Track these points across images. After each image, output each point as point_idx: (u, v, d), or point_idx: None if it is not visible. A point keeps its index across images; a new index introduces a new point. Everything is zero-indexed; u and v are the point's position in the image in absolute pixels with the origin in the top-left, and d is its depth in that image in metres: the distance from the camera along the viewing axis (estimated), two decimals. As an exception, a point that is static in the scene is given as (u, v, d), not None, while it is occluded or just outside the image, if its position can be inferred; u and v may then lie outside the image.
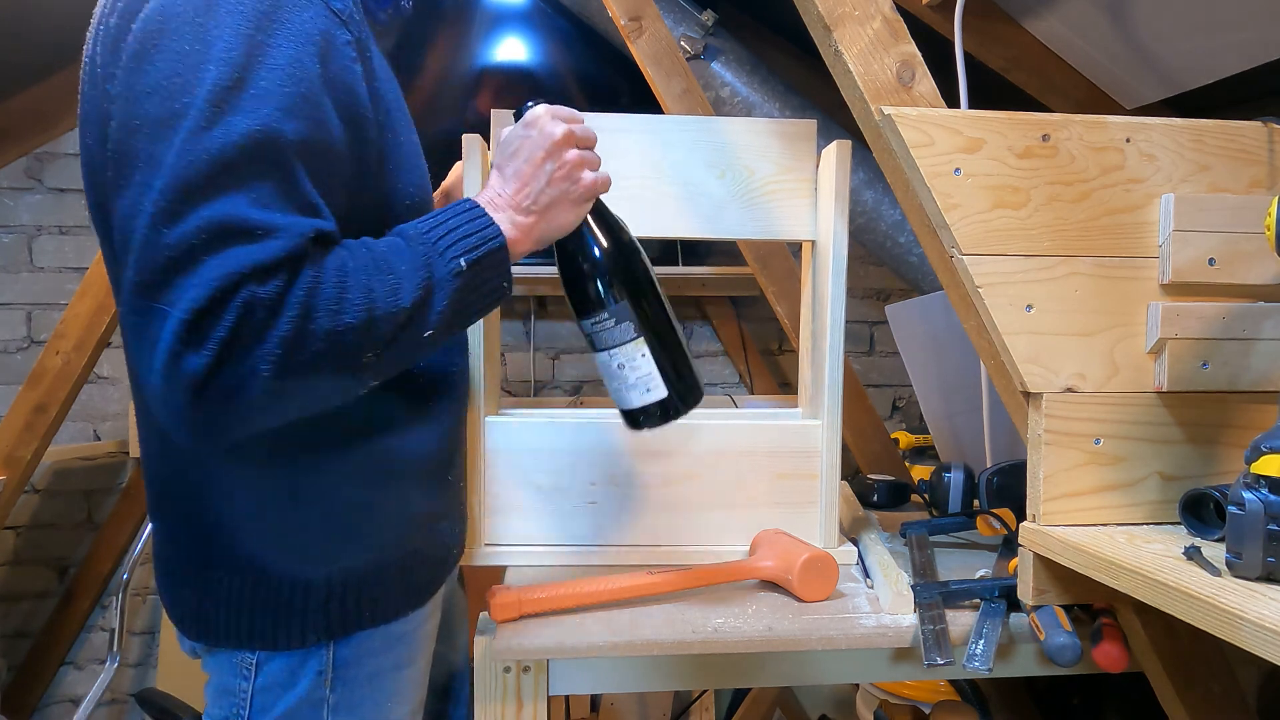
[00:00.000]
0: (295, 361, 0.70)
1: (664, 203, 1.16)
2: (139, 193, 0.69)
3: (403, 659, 0.91)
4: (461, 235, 0.80)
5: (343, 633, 0.86)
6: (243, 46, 0.71)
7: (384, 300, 0.75)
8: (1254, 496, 0.66)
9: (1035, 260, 0.82)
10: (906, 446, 2.09)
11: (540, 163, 0.84)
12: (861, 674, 1.17)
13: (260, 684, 0.85)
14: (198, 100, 0.69)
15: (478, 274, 0.80)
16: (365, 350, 0.75)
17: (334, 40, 0.77)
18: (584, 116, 0.88)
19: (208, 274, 0.67)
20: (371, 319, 0.74)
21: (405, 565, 0.90)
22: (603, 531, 1.14)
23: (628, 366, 0.87)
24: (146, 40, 0.71)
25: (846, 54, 0.83)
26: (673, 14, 2.03)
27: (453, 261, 0.78)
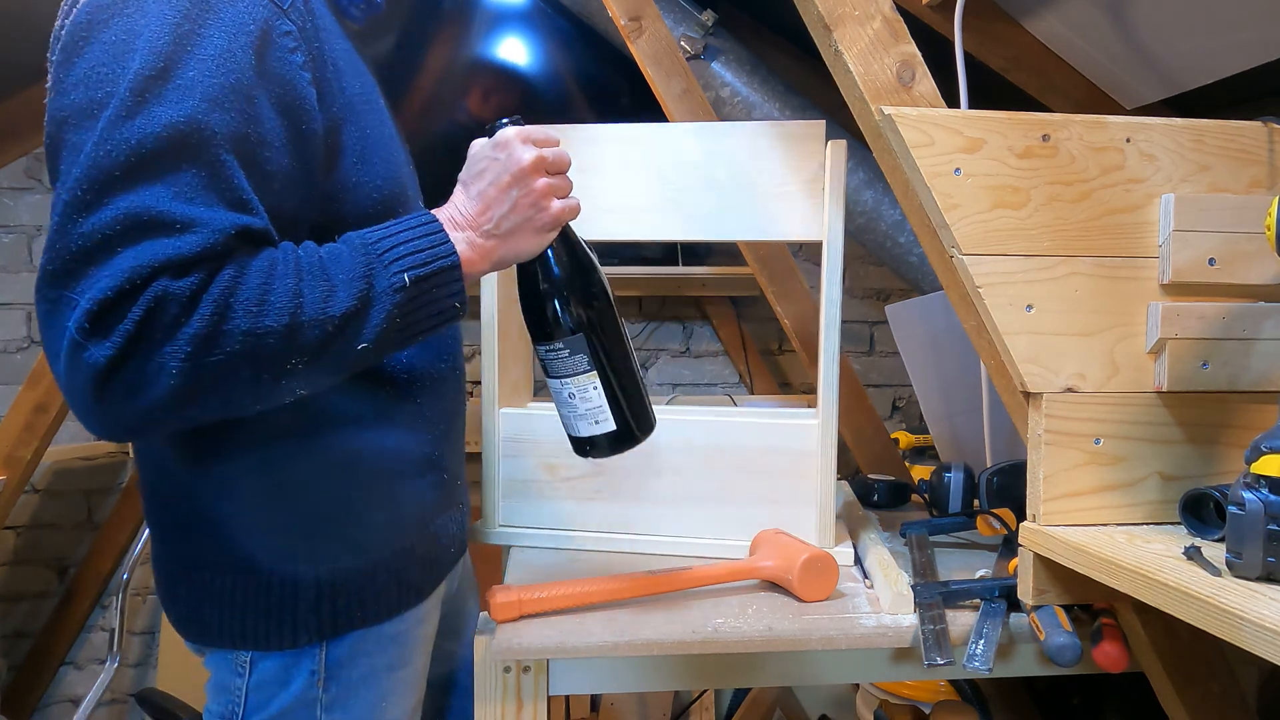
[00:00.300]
0: (207, 361, 0.68)
1: (674, 208, 1.18)
2: (60, 182, 0.68)
3: (397, 659, 0.91)
4: (412, 250, 0.77)
5: (334, 633, 0.85)
6: (169, 36, 0.69)
7: (312, 307, 0.72)
8: (1254, 496, 0.66)
9: (1035, 260, 0.82)
10: (906, 446, 2.09)
11: (506, 187, 0.81)
12: (861, 674, 1.17)
13: (254, 682, 0.85)
14: (120, 90, 0.68)
15: (424, 291, 0.77)
16: (288, 356, 0.72)
17: (272, 31, 0.74)
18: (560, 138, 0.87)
19: (120, 265, 0.65)
20: (295, 324, 0.71)
21: (397, 565, 0.89)
22: (607, 520, 1.19)
23: (578, 397, 0.86)
24: (76, 34, 0.70)
25: (846, 54, 0.83)
26: (673, 14, 2.03)
27: (396, 276, 0.75)
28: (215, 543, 0.84)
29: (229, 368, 0.69)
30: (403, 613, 0.90)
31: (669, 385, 2.59)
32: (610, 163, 1.20)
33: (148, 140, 0.67)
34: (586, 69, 2.36)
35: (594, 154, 1.20)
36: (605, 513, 1.19)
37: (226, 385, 0.71)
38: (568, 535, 1.20)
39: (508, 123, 0.84)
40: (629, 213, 1.20)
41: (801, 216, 1.14)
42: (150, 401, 0.68)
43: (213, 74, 0.70)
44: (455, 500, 1.01)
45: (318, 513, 0.85)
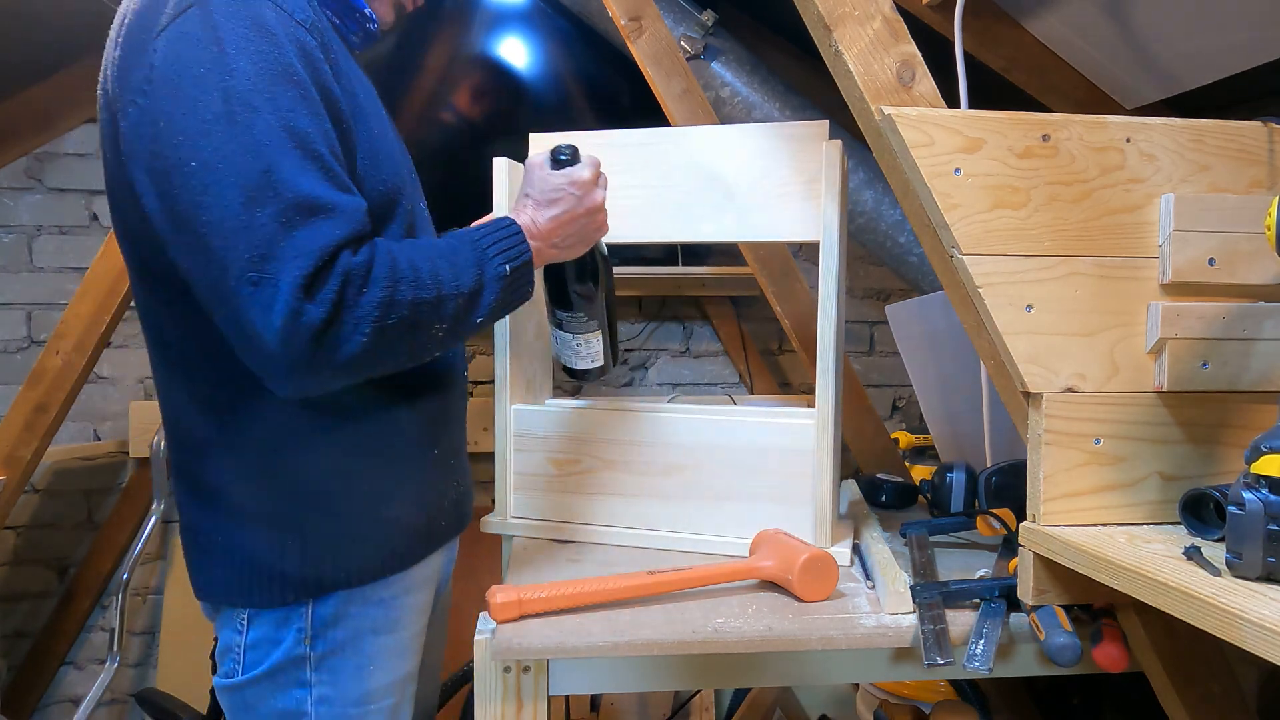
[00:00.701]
0: (386, 324, 0.83)
1: (676, 210, 1.20)
2: (213, 190, 0.79)
3: (383, 624, 0.97)
4: (505, 247, 0.95)
5: (319, 592, 0.93)
6: (247, 58, 0.80)
7: (449, 283, 0.88)
8: (1254, 496, 0.66)
9: (1035, 260, 0.82)
10: (906, 446, 2.09)
11: (578, 218, 1.01)
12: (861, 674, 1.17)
13: (251, 639, 0.94)
14: (233, 103, 0.79)
15: (515, 279, 0.95)
16: (436, 322, 0.88)
17: (304, 45, 0.86)
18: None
19: (307, 244, 0.79)
20: (440, 296, 0.88)
21: (380, 533, 0.97)
22: (611, 515, 1.22)
23: (584, 346, 1.15)
24: (167, 66, 0.80)
25: (846, 54, 0.83)
26: (673, 14, 2.03)
27: (500, 266, 0.93)
28: (221, 506, 0.94)
29: (400, 329, 0.85)
30: (386, 577, 0.97)
31: (669, 385, 2.59)
32: (613, 167, 1.21)
33: (277, 140, 0.80)
34: (586, 69, 2.36)
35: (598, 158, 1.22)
36: (610, 508, 1.21)
37: (397, 344, 0.86)
38: (574, 529, 1.22)
39: (569, 153, 1.01)
40: (632, 215, 1.21)
41: (802, 217, 1.15)
42: (347, 356, 0.82)
43: (287, 84, 0.82)
44: (450, 478, 1.07)
45: (307, 479, 0.93)
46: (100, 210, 2.31)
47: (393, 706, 0.99)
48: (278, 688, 0.94)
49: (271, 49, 0.82)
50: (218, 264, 0.79)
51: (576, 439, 1.22)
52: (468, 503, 1.14)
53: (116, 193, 0.90)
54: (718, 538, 1.16)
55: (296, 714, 0.94)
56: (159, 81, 0.80)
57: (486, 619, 0.93)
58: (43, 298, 2.33)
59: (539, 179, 1.01)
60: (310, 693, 0.94)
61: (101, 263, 1.71)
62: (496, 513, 1.27)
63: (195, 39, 0.80)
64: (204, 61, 0.80)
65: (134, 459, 2.32)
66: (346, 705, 0.95)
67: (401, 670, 1.00)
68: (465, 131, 2.34)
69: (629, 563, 1.11)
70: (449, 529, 1.07)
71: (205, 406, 0.93)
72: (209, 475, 0.94)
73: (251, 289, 0.78)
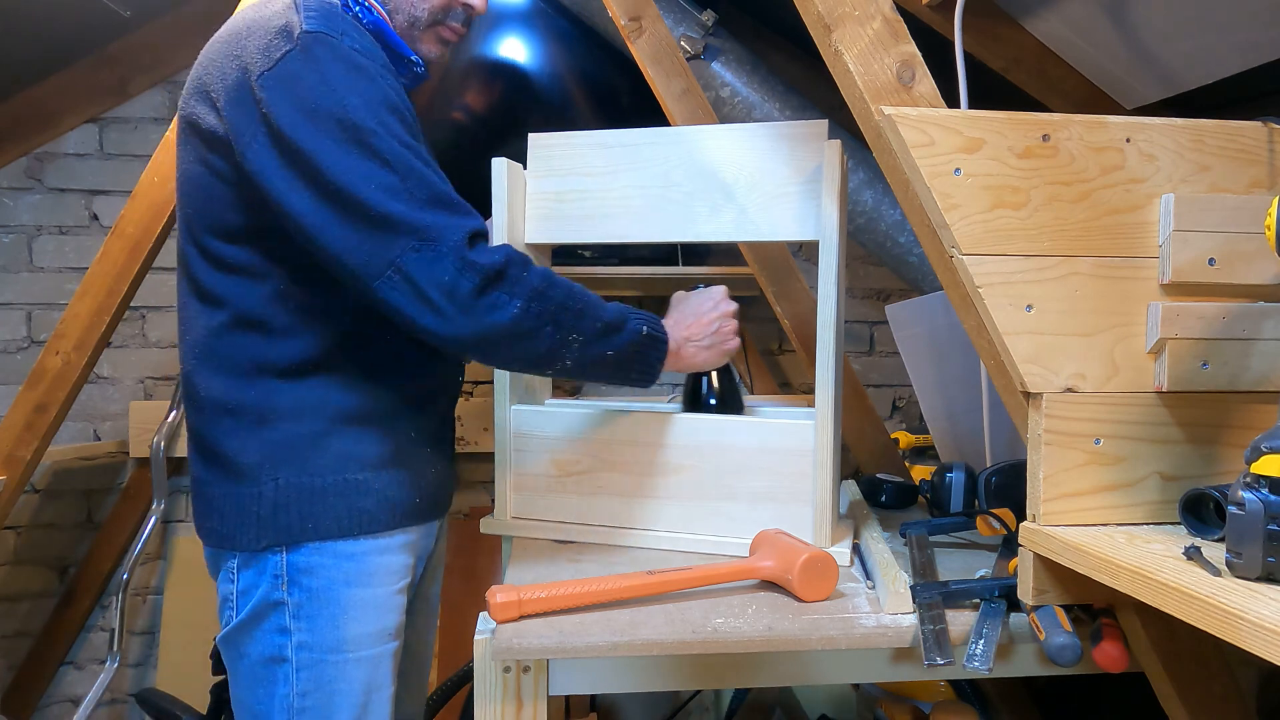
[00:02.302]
0: (534, 309, 0.95)
1: (677, 210, 1.20)
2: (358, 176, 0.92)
3: (354, 577, 1.04)
4: (646, 320, 1.08)
5: (290, 541, 1.02)
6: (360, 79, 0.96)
7: (593, 308, 1.02)
8: (1254, 496, 0.66)
9: (1035, 260, 0.82)
10: (906, 446, 2.09)
11: (709, 320, 1.17)
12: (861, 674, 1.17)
13: (240, 587, 1.04)
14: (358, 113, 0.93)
15: (647, 345, 1.08)
16: (575, 331, 0.99)
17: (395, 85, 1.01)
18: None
19: (461, 223, 0.94)
20: (585, 312, 1.00)
21: (344, 492, 1.04)
22: (610, 515, 1.22)
23: None
24: (287, 77, 0.93)
25: (846, 54, 0.83)
26: (673, 14, 2.03)
27: (639, 324, 1.07)
28: (218, 461, 1.04)
29: (543, 321, 0.96)
30: (354, 536, 1.04)
31: (669, 385, 2.59)
32: (614, 166, 1.22)
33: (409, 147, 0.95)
34: (586, 69, 2.36)
35: (598, 158, 1.22)
36: (609, 508, 1.21)
37: (539, 332, 0.97)
38: (573, 529, 1.22)
39: (707, 288, 1.21)
40: (632, 215, 1.22)
41: (802, 217, 1.14)
42: (496, 321, 0.94)
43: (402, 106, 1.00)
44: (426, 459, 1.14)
45: (286, 440, 1.03)
46: (100, 210, 2.31)
47: (372, 658, 1.05)
48: (262, 634, 1.03)
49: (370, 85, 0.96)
50: (393, 215, 0.91)
51: (576, 439, 1.22)
52: (447, 489, 1.21)
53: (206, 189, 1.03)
54: (718, 538, 1.16)
55: (279, 660, 1.02)
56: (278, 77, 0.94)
57: (486, 619, 0.93)
58: (43, 298, 2.33)
59: (678, 298, 1.20)
60: (290, 639, 1.02)
61: (101, 263, 1.71)
62: (496, 513, 1.27)
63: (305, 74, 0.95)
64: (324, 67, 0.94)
65: (134, 459, 2.32)
66: (324, 652, 1.02)
67: (378, 624, 1.06)
68: (465, 132, 2.34)
69: (629, 563, 1.11)
70: (424, 509, 1.13)
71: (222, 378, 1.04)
72: (211, 434, 1.05)
73: (418, 244, 0.91)
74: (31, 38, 1.97)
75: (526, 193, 1.25)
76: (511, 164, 1.21)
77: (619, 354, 1.04)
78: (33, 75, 2.15)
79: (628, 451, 1.20)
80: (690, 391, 1.26)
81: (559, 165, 1.24)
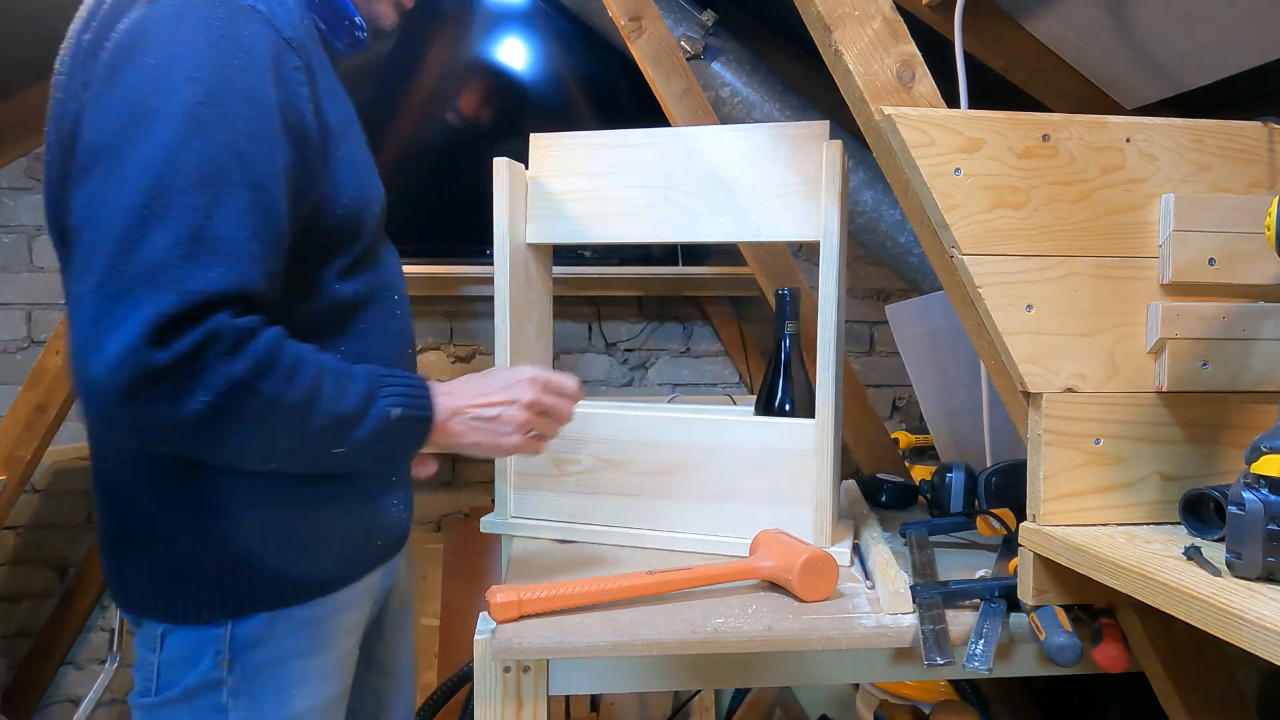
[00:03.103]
0: (230, 404, 0.75)
1: (677, 210, 1.20)
2: (110, 189, 0.73)
3: (310, 646, 0.91)
4: (403, 394, 0.88)
5: (239, 612, 0.87)
6: (209, 66, 0.75)
7: (325, 399, 0.81)
8: (1254, 496, 0.66)
9: (1035, 260, 0.82)
10: (906, 446, 2.09)
11: (492, 404, 0.95)
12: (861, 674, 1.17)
13: (165, 657, 0.88)
14: (173, 111, 0.74)
15: (400, 428, 0.88)
16: (291, 432, 0.80)
17: (283, 65, 0.81)
18: (571, 385, 1.02)
19: (188, 285, 0.72)
20: (308, 408, 0.80)
21: (306, 549, 0.91)
22: (610, 515, 1.21)
23: None
24: (120, 54, 0.76)
25: (846, 54, 0.83)
26: (673, 14, 2.03)
27: (387, 407, 0.86)
28: (139, 512, 0.88)
29: (242, 419, 0.77)
30: (316, 598, 0.91)
31: (669, 385, 2.59)
32: (614, 166, 1.22)
33: (204, 164, 0.74)
34: (586, 69, 2.36)
35: (598, 158, 1.23)
36: (608, 508, 1.21)
37: (229, 434, 0.77)
38: (573, 528, 1.22)
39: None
40: (632, 215, 1.22)
41: (802, 217, 1.14)
42: (169, 418, 0.74)
43: (247, 106, 0.77)
44: (384, 496, 1.01)
45: (231, 490, 0.87)
46: (100, 210, 2.31)
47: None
48: (193, 712, 0.88)
49: (241, 63, 0.77)
50: (96, 261, 0.72)
51: (576, 439, 1.22)
52: (405, 521, 1.07)
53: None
54: (718, 538, 1.16)
55: None
56: (110, 57, 0.76)
57: (486, 619, 0.93)
58: (43, 298, 2.33)
59: (492, 373, 1.00)
60: (227, 717, 0.88)
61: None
62: (496, 513, 1.27)
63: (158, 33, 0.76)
64: (154, 50, 0.75)
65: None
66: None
67: (328, 692, 0.95)
68: (465, 132, 2.34)
69: (629, 563, 1.11)
70: (388, 547, 1.03)
71: None
72: (131, 480, 0.88)
73: (109, 302, 0.71)
74: (31, 38, 1.97)
75: (528, 193, 1.25)
76: (513, 164, 1.21)
77: (361, 449, 0.85)
78: (33, 76, 2.15)
79: (628, 451, 1.20)
80: (765, 394, 1.24)
81: (560, 165, 1.24)
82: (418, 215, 2.35)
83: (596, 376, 2.57)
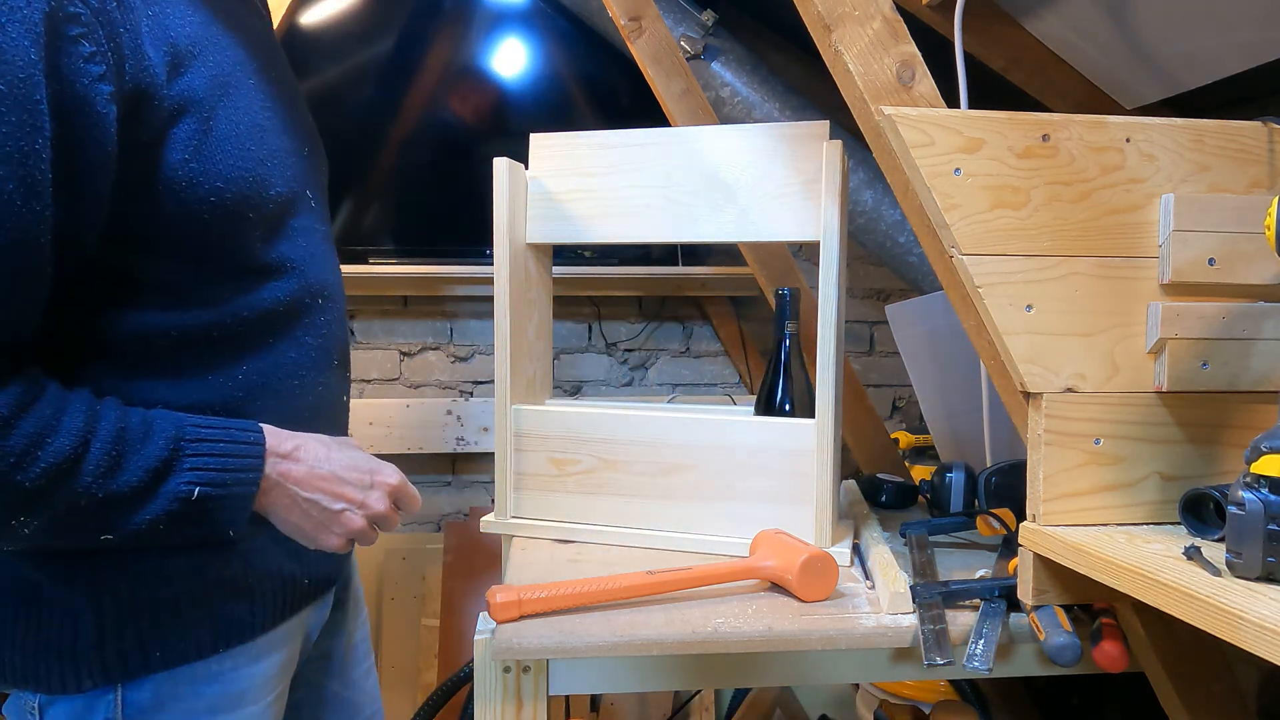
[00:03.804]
0: None
1: (677, 210, 1.20)
2: None
3: (223, 702, 0.79)
4: (211, 460, 0.71)
5: (127, 676, 0.74)
6: None
7: (89, 472, 0.65)
8: (1254, 496, 0.66)
9: (1035, 260, 0.82)
10: (906, 446, 2.09)
11: (335, 494, 0.81)
12: (861, 674, 1.17)
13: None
14: None
15: (204, 508, 0.72)
16: (29, 512, 0.64)
17: (59, 21, 0.62)
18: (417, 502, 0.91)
19: None
20: (55, 480, 0.64)
21: (213, 597, 0.77)
22: (609, 515, 1.21)
23: None
24: None
25: (846, 54, 0.83)
26: (673, 14, 2.03)
27: (183, 485, 0.70)
28: (5, 566, 0.74)
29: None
30: (224, 651, 0.78)
31: (669, 385, 2.59)
32: (614, 166, 1.22)
33: None
34: (586, 69, 2.36)
35: (598, 158, 1.23)
36: (608, 508, 1.21)
37: None
38: (573, 528, 1.22)
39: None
40: (632, 215, 1.22)
41: (802, 217, 1.15)
42: None
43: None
44: None
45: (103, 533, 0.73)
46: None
47: None
48: None
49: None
50: None
51: (576, 439, 1.22)
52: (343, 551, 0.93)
53: None
54: (718, 538, 1.16)
55: None
56: None
57: (486, 619, 0.93)
58: (43, 298, 2.33)
59: (346, 442, 0.84)
60: None
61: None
62: (496, 513, 1.27)
63: None
64: None
65: None
66: None
67: None
68: (465, 132, 2.34)
69: (629, 563, 1.11)
70: (318, 582, 0.89)
71: None
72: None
73: None
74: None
75: (528, 193, 1.25)
76: (513, 164, 1.21)
77: (139, 534, 0.70)
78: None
79: (628, 451, 1.20)
80: (765, 394, 1.23)
81: (560, 165, 1.24)
82: (418, 215, 2.36)
83: (596, 376, 2.57)
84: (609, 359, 2.57)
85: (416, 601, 2.43)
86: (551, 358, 1.38)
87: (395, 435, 2.45)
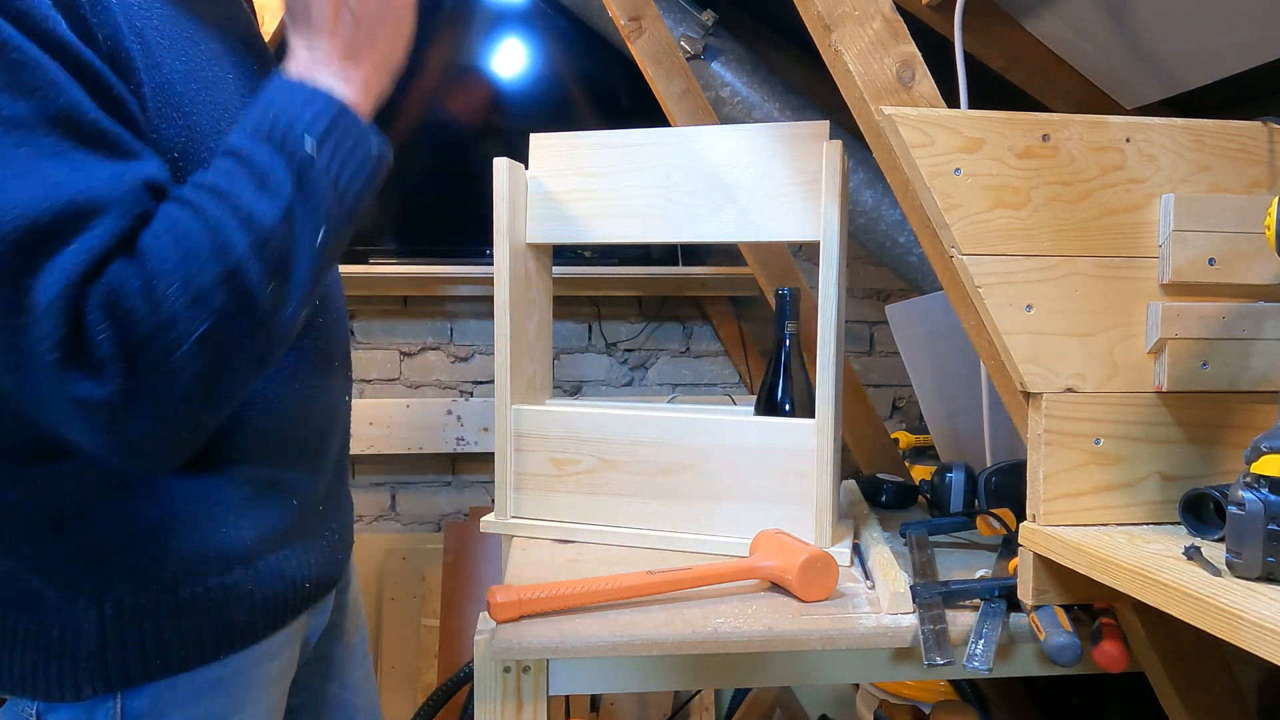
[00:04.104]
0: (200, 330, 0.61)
1: (683, 209, 1.20)
2: None
3: (225, 707, 0.78)
4: (298, 114, 0.70)
5: (127, 683, 0.73)
6: None
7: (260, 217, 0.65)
8: (1254, 496, 0.66)
9: (1035, 260, 0.82)
10: (906, 446, 2.09)
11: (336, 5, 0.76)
12: (861, 674, 1.17)
13: None
14: None
15: (337, 147, 0.72)
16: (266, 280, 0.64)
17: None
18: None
19: (47, 293, 0.57)
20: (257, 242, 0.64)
21: (211, 604, 0.76)
22: (609, 515, 1.21)
23: None
24: None
25: (846, 54, 0.83)
26: (673, 14, 2.03)
27: (299, 148, 0.68)
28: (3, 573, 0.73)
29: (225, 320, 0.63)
30: (223, 656, 0.77)
31: (669, 385, 2.59)
32: (614, 166, 1.22)
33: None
34: (586, 69, 2.36)
35: (598, 158, 1.23)
36: (608, 508, 1.21)
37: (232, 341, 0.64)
38: (573, 528, 1.22)
39: None
40: (632, 215, 1.22)
41: (802, 217, 1.15)
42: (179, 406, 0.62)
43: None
44: (314, 530, 0.88)
45: (110, 537, 0.72)
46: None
47: None
48: None
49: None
50: None
51: (576, 439, 1.22)
52: (343, 551, 0.94)
53: None
54: (718, 538, 1.16)
55: None
56: None
57: (486, 619, 0.93)
58: (43, 298, 2.33)
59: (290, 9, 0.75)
60: None
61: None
62: (496, 513, 1.27)
63: None
64: None
65: None
66: None
67: None
68: (465, 132, 2.34)
69: (629, 563, 1.11)
70: (319, 585, 0.88)
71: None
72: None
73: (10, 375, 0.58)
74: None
75: (528, 192, 1.25)
76: (513, 164, 1.21)
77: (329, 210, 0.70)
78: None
79: (628, 451, 1.20)
80: (765, 394, 1.24)
81: (560, 165, 1.24)
82: (418, 215, 2.36)
83: (596, 376, 2.57)
84: (609, 359, 2.57)
85: (416, 601, 2.43)
86: (551, 358, 1.38)
87: (395, 435, 2.45)
